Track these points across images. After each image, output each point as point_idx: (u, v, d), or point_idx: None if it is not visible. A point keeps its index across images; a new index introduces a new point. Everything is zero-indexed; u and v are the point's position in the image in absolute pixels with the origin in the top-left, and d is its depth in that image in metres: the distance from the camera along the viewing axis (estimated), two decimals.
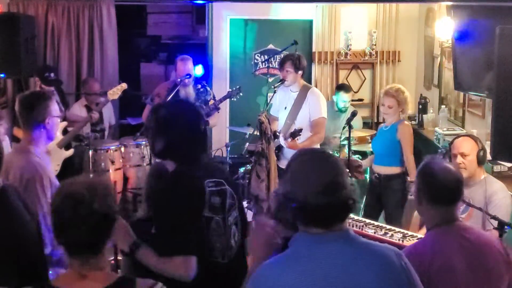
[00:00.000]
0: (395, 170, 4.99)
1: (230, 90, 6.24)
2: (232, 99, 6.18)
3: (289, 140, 5.02)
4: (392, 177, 5.01)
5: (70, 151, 5.56)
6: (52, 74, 6.16)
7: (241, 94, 6.08)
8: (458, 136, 3.96)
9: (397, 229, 3.98)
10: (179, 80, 5.94)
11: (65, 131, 5.45)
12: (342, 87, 6.90)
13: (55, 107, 3.38)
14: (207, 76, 7.47)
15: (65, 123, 5.31)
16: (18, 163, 3.17)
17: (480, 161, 3.73)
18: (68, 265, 1.97)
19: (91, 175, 5.66)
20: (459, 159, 3.72)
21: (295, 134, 5.01)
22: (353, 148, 5.29)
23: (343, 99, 6.72)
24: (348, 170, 4.84)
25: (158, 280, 2.06)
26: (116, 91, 5.99)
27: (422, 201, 2.63)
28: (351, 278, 1.86)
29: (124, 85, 6.04)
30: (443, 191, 2.58)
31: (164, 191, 2.68)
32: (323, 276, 1.85)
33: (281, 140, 5.17)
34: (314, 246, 1.90)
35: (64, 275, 1.99)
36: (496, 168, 4.94)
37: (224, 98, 6.14)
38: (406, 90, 5.06)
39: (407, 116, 5.27)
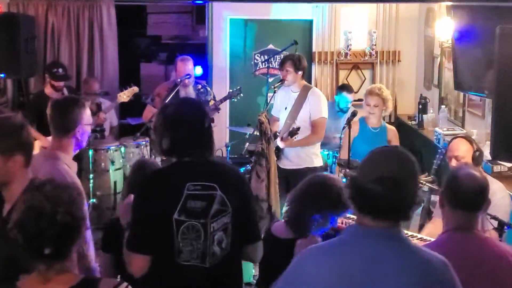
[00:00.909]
0: None
1: (231, 90, 6.22)
2: (233, 99, 6.18)
3: (288, 138, 5.02)
4: None
5: None
6: (60, 70, 6.14)
7: (241, 94, 6.06)
8: (455, 137, 3.95)
9: None
10: (179, 80, 5.93)
11: None
12: (344, 88, 6.88)
13: (87, 115, 3.23)
14: (207, 76, 7.47)
15: None
16: (45, 169, 3.03)
17: (476, 162, 3.71)
18: (35, 268, 1.98)
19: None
20: (454, 162, 3.70)
21: (293, 132, 5.00)
22: None
23: (346, 99, 6.71)
24: (348, 170, 4.84)
25: None
26: (126, 94, 5.95)
27: (444, 204, 2.60)
28: (389, 279, 1.86)
29: (135, 89, 6.00)
30: (464, 196, 2.54)
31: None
32: (362, 270, 1.87)
33: (278, 141, 5.16)
34: (362, 238, 1.93)
35: (29, 278, 1.99)
36: (496, 168, 4.93)
37: (225, 98, 6.13)
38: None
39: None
